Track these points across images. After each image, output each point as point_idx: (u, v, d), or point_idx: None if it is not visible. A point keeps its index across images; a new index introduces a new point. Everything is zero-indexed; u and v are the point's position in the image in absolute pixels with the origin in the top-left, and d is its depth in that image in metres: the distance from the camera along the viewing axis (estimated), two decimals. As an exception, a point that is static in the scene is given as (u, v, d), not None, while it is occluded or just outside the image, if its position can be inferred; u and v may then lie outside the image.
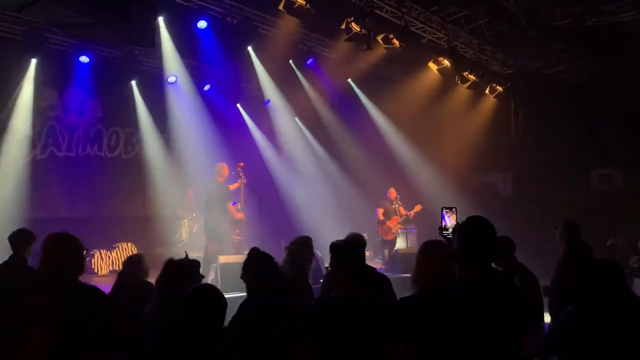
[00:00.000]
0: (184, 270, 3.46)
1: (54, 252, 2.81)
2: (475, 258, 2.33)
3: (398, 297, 4.13)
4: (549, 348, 2.83)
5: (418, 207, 10.51)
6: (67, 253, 2.82)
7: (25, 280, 4.26)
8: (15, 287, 3.89)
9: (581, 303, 2.63)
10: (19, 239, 4.62)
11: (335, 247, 2.95)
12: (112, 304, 3.06)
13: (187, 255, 3.61)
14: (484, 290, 2.30)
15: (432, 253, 2.62)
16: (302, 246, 4.50)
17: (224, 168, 8.50)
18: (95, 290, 2.86)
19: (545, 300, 4.20)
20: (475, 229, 2.40)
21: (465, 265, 2.35)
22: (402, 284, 4.56)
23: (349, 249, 2.92)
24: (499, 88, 11.52)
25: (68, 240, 2.86)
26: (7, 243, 4.69)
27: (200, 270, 3.73)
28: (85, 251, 2.92)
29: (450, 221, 2.83)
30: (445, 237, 2.80)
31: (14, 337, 2.60)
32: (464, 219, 2.54)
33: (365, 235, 4.76)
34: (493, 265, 2.47)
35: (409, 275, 2.82)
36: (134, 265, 4.38)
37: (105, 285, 4.06)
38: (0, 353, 2.63)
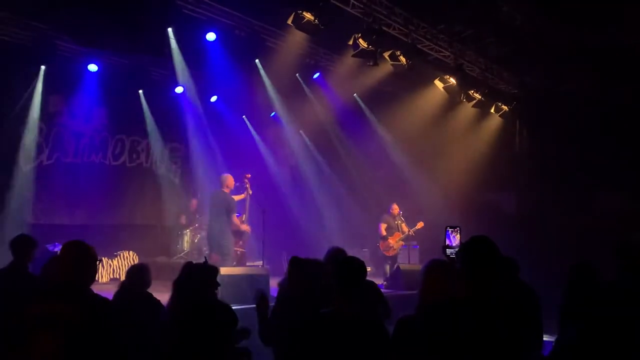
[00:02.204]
0: (205, 276, 3.43)
1: (71, 260, 2.81)
2: (479, 277, 2.32)
3: (400, 314, 4.12)
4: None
5: (420, 224, 10.48)
6: (83, 261, 2.82)
7: (27, 286, 4.27)
8: (17, 292, 3.90)
9: (588, 324, 2.61)
10: (19, 244, 4.60)
11: (337, 263, 2.94)
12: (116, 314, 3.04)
13: (206, 260, 3.60)
14: (486, 309, 2.29)
15: (437, 272, 2.61)
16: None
17: (230, 179, 8.50)
18: (106, 300, 2.87)
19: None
20: (479, 249, 2.39)
21: (469, 284, 2.34)
22: (404, 300, 4.55)
23: (346, 267, 2.89)
24: (505, 107, 11.54)
25: (85, 248, 2.86)
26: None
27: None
28: (98, 261, 2.93)
29: (454, 240, 2.83)
30: (448, 256, 2.79)
31: (22, 342, 2.60)
32: (467, 237, 2.53)
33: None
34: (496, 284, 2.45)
35: (411, 292, 2.81)
36: (137, 275, 4.35)
37: (106, 292, 4.04)
38: (8, 358, 2.62)
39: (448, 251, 2.83)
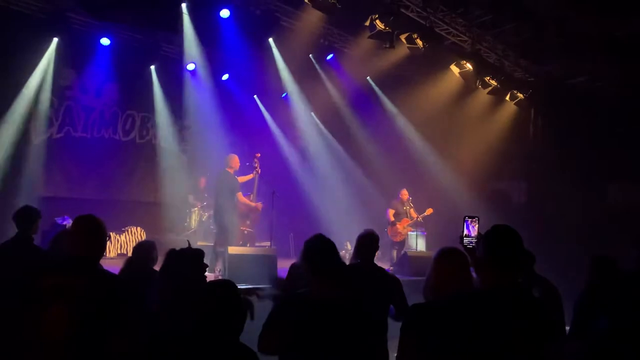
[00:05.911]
0: (189, 260, 3.35)
1: (83, 234, 2.83)
2: (500, 267, 2.25)
3: (408, 300, 4.07)
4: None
5: (429, 211, 10.41)
6: (94, 236, 2.86)
7: (31, 258, 4.26)
8: (21, 264, 3.89)
9: (613, 317, 2.54)
10: (24, 216, 4.57)
11: (305, 248, 2.90)
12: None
13: (189, 244, 3.52)
14: (506, 300, 2.23)
15: (451, 261, 2.54)
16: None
17: (234, 159, 8.42)
18: (115, 276, 2.90)
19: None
20: (503, 238, 2.32)
21: (489, 274, 2.27)
22: (410, 286, 4.48)
23: (317, 250, 2.87)
24: (520, 95, 11.35)
25: (96, 223, 2.89)
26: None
27: (208, 259, 3.64)
28: (108, 236, 2.94)
29: (473, 230, 2.73)
30: (465, 245, 2.70)
31: (33, 313, 2.62)
32: (482, 227, 2.46)
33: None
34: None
35: (417, 278, 2.75)
36: (144, 251, 4.34)
37: (113, 267, 4.02)
38: (19, 328, 2.64)
39: (466, 240, 2.73)
